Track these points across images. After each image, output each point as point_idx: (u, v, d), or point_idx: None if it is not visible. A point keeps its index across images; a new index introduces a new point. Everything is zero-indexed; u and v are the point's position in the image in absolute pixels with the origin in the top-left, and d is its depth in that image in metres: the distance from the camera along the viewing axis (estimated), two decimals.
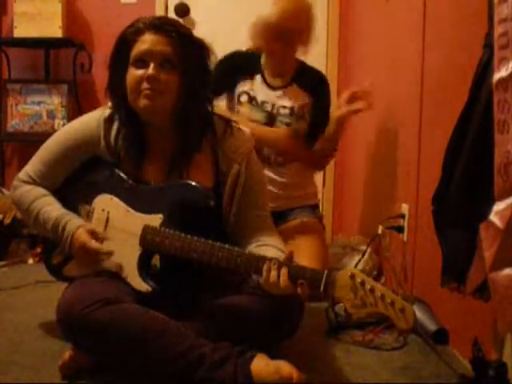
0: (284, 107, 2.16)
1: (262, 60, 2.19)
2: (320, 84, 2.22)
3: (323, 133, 2.21)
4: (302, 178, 2.28)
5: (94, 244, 1.46)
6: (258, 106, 2.16)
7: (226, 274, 1.45)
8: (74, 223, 1.49)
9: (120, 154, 1.55)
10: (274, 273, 1.29)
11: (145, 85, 1.44)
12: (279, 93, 2.17)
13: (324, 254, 2.12)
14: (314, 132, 2.20)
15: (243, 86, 2.17)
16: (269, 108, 2.16)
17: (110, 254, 1.47)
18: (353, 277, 1.24)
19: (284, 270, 1.28)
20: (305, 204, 2.26)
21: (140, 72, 1.45)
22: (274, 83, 2.18)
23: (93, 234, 1.48)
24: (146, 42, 1.45)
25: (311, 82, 2.19)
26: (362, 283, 1.23)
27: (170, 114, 1.50)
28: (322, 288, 1.27)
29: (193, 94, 1.50)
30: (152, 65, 1.44)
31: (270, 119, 2.16)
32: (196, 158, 1.54)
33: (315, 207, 2.31)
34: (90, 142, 1.55)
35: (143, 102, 1.45)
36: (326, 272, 1.27)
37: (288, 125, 2.16)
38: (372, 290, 1.22)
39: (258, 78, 2.18)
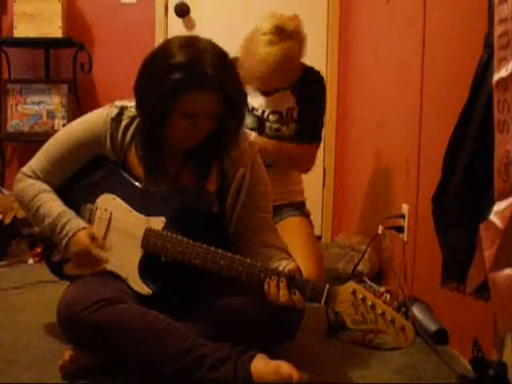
0: (274, 113, 2.14)
1: None
2: (307, 84, 2.16)
3: (313, 132, 2.18)
4: (289, 175, 2.26)
5: (96, 250, 1.46)
6: (248, 111, 2.14)
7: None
8: (75, 223, 1.48)
9: (126, 155, 1.54)
10: (274, 290, 1.31)
11: (190, 135, 1.43)
12: (269, 98, 2.15)
13: (317, 253, 2.11)
14: (302, 131, 2.15)
15: None
16: (259, 114, 2.15)
17: (106, 262, 1.47)
18: (354, 292, 1.25)
19: (283, 284, 1.29)
20: (291, 201, 2.24)
21: (187, 124, 1.40)
22: (266, 90, 2.15)
23: (94, 239, 1.47)
24: (194, 102, 1.37)
25: (299, 83, 2.14)
26: (363, 299, 1.24)
27: None
28: (322, 302, 1.28)
29: (241, 117, 1.50)
30: (200, 121, 1.40)
31: (260, 124, 2.14)
32: None
33: (302, 204, 2.29)
34: (96, 141, 1.54)
35: (185, 144, 1.47)
36: (327, 286, 1.28)
37: (277, 130, 2.14)
38: (373, 307, 1.22)
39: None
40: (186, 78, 1.34)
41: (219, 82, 1.35)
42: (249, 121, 2.12)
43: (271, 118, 2.14)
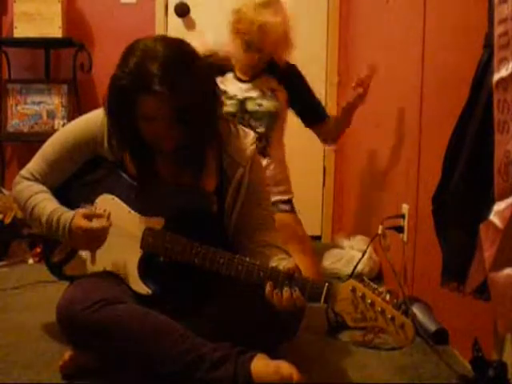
0: (255, 91, 2.23)
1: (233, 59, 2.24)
2: (289, 69, 2.28)
3: (323, 108, 2.36)
4: (280, 174, 2.29)
5: (94, 224, 1.44)
6: (228, 98, 2.21)
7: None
8: (67, 214, 1.48)
9: (123, 155, 1.54)
10: (277, 296, 1.29)
11: (161, 137, 1.42)
12: (248, 85, 2.24)
13: (310, 246, 2.14)
14: (317, 111, 2.32)
15: None
16: (240, 97, 2.22)
17: (110, 224, 1.45)
18: (354, 290, 1.24)
19: (286, 288, 1.28)
20: (279, 199, 2.26)
21: (151, 128, 1.40)
22: (243, 77, 2.25)
23: (87, 217, 1.46)
24: (146, 106, 1.36)
25: (280, 70, 2.25)
26: (363, 297, 1.23)
27: None
28: (322, 301, 1.27)
29: (206, 119, 1.45)
30: (161, 123, 1.38)
31: (241, 107, 2.22)
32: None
33: (288, 202, 2.31)
34: (93, 142, 1.54)
35: (165, 147, 1.44)
36: (326, 285, 1.28)
37: (260, 105, 2.22)
38: (372, 305, 1.22)
39: (229, 74, 2.26)
40: (133, 85, 1.34)
41: (164, 84, 1.33)
42: (228, 106, 2.20)
43: (253, 95, 2.23)
